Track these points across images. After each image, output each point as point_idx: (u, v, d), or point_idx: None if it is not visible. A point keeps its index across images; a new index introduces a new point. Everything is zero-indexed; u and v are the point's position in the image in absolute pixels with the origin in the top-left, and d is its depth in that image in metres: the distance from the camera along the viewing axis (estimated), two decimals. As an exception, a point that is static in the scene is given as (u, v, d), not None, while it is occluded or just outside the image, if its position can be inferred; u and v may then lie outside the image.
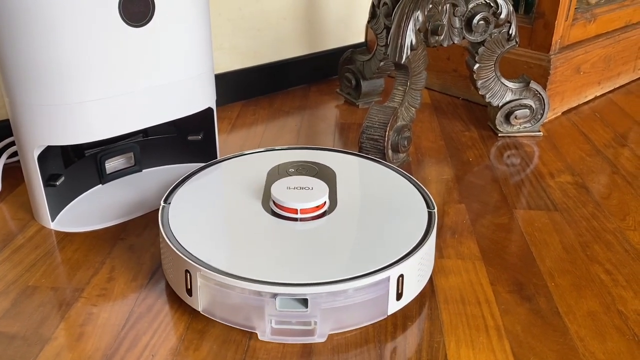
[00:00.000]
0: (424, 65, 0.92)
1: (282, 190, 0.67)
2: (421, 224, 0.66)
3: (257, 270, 0.57)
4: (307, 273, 0.57)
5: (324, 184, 0.69)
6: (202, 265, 0.57)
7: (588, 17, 1.14)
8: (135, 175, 0.88)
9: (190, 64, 0.77)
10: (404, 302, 0.61)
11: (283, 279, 0.56)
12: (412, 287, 0.62)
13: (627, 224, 0.79)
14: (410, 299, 0.62)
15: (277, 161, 0.78)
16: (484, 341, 0.58)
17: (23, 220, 0.78)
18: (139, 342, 0.58)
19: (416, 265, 0.61)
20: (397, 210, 0.68)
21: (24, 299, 0.64)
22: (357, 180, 0.75)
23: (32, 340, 0.58)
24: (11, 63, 0.66)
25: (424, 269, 0.64)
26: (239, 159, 0.80)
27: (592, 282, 0.68)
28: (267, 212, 0.67)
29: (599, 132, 1.08)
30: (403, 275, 0.59)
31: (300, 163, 0.78)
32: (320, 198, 0.66)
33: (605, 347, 0.58)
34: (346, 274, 0.57)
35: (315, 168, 0.77)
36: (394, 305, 0.60)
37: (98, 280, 0.67)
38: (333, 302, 0.56)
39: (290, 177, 0.70)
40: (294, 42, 1.28)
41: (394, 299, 0.59)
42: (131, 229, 0.76)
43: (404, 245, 0.62)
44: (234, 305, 0.57)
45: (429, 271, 0.66)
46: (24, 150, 0.72)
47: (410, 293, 0.62)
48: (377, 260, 0.59)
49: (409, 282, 0.60)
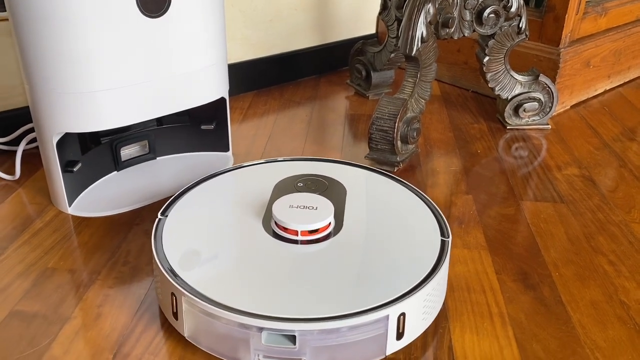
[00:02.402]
0: (434, 58, 0.93)
1: (284, 208, 0.63)
2: (432, 255, 0.60)
3: (245, 300, 0.53)
4: (297, 306, 0.52)
5: (329, 203, 0.64)
6: (188, 290, 0.54)
7: (599, 10, 1.14)
8: (149, 162, 0.90)
9: (205, 55, 0.79)
10: (405, 342, 0.56)
11: (271, 311, 0.51)
12: (416, 325, 0.56)
13: (632, 217, 0.80)
14: (413, 337, 0.57)
15: (286, 173, 0.74)
16: (488, 327, 0.60)
17: (41, 205, 0.81)
18: (154, 323, 0.60)
19: (421, 302, 0.55)
20: (407, 237, 0.63)
21: (43, 280, 0.66)
22: (368, 200, 0.69)
23: (52, 319, 0.60)
24: (32, 52, 0.68)
25: (431, 305, 0.58)
26: (247, 170, 0.76)
27: (596, 272, 0.69)
28: (267, 232, 0.63)
29: (608, 125, 1.09)
30: (405, 314, 0.54)
31: (310, 177, 0.73)
32: (324, 219, 0.62)
33: (607, 335, 0.59)
34: (340, 310, 0.52)
35: (325, 183, 0.71)
36: (394, 345, 0.55)
37: (114, 263, 0.69)
38: (324, 340, 0.51)
39: (295, 195, 0.66)
40: (305, 33, 1.29)
41: (393, 338, 0.54)
42: (146, 215, 0.79)
43: (409, 279, 0.56)
44: (219, 335, 0.53)
45: (437, 307, 0.60)
46: (44, 136, 0.74)
47: (413, 332, 0.56)
48: (377, 295, 0.54)
49: (411, 320, 0.55)
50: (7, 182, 0.86)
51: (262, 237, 0.62)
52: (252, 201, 0.69)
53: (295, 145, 0.99)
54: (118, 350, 0.56)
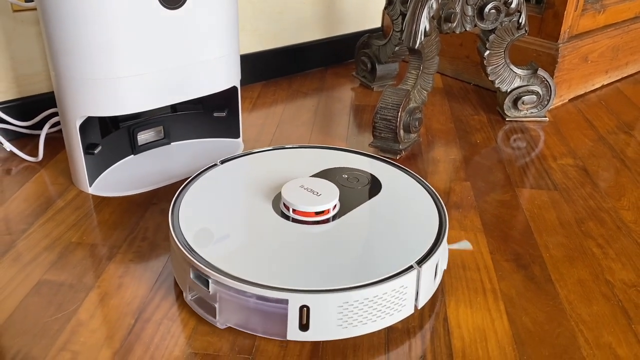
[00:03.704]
0: (436, 51, 0.97)
1: (293, 190, 0.68)
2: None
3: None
4: (239, 263, 0.59)
5: (335, 187, 0.69)
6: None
7: (598, 7, 1.18)
8: (164, 147, 0.95)
9: (219, 45, 0.83)
10: (312, 335, 0.57)
11: (215, 261, 0.59)
12: (325, 324, 0.57)
13: (621, 204, 0.85)
14: (325, 337, 0.58)
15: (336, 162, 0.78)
16: (481, 302, 0.65)
17: (63, 185, 0.86)
18: (171, 292, 0.65)
19: (332, 305, 0.56)
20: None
21: (68, 253, 0.71)
22: (388, 194, 0.73)
23: (78, 288, 0.65)
24: (58, 40, 0.72)
25: (346, 318, 0.57)
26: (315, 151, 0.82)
27: (584, 254, 0.74)
28: (275, 213, 0.68)
29: (604, 119, 1.13)
30: (308, 307, 0.56)
31: (355, 171, 0.77)
32: (329, 203, 0.66)
33: (591, 310, 0.64)
34: (254, 277, 0.57)
35: (367, 179, 0.75)
36: (296, 333, 0.57)
37: (133, 239, 0.74)
38: (231, 296, 0.57)
39: (305, 179, 0.71)
40: (313, 26, 1.33)
41: (296, 326, 0.57)
42: (162, 195, 0.83)
43: (331, 277, 0.58)
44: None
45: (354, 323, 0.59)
46: (67, 120, 0.79)
47: (321, 330, 0.57)
48: (295, 281, 0.57)
49: (316, 316, 0.56)
50: (30, 164, 0.91)
51: (272, 217, 0.67)
52: (265, 186, 0.74)
53: (302, 134, 1.04)
54: (139, 315, 0.61)
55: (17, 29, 0.94)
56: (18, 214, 0.78)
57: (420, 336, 0.60)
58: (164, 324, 0.60)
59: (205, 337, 0.59)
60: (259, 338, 0.59)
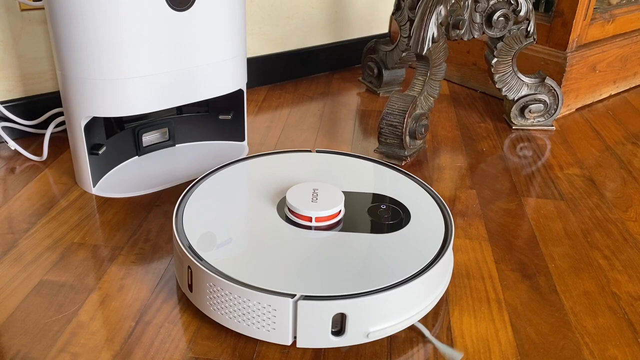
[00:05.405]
0: (444, 57, 0.97)
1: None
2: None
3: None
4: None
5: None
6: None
7: (607, 17, 1.18)
8: (169, 149, 0.95)
9: (226, 48, 0.83)
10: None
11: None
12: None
13: (628, 215, 0.84)
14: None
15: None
16: (485, 311, 0.64)
17: (66, 185, 0.85)
18: (173, 295, 0.64)
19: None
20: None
21: (70, 253, 0.71)
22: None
23: (79, 289, 0.65)
24: (65, 39, 0.72)
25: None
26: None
27: (590, 265, 0.73)
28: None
29: (611, 129, 1.12)
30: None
31: (392, 203, 0.72)
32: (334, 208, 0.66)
33: (597, 322, 0.63)
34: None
35: (400, 212, 0.70)
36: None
37: (136, 240, 0.74)
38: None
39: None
40: (321, 30, 1.33)
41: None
42: (165, 197, 0.83)
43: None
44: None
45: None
46: (72, 120, 0.79)
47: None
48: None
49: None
50: (34, 163, 0.91)
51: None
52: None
53: (307, 138, 1.03)
54: (140, 318, 0.61)
55: (24, 27, 0.94)
56: (21, 213, 0.78)
57: (423, 345, 0.59)
58: (165, 327, 0.60)
59: (206, 342, 0.58)
60: (261, 343, 0.58)
